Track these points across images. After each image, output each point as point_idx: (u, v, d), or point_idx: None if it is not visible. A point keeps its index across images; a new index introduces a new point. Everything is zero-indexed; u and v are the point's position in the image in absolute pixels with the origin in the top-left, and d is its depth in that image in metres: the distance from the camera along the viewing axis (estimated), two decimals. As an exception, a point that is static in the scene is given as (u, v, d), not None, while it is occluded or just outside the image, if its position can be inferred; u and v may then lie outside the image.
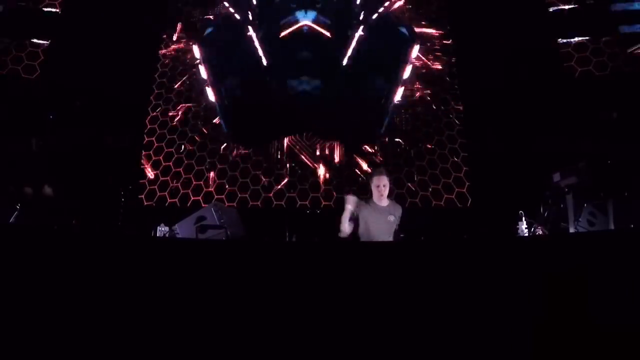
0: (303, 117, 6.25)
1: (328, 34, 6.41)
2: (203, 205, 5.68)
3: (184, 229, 3.77)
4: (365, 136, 6.29)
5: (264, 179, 6.10)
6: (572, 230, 3.79)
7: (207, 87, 6.40)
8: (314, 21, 6.45)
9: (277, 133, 6.29)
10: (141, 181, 6.18)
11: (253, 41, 6.48)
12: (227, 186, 6.09)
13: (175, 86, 6.65)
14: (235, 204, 5.95)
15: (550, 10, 6.48)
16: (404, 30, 6.66)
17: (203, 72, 6.45)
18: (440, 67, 6.69)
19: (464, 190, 6.04)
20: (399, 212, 3.69)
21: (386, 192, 3.65)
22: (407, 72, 6.39)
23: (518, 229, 3.68)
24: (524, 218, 3.69)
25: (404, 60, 6.42)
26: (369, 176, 3.91)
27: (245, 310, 1.50)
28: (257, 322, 1.48)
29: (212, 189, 6.07)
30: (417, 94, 6.52)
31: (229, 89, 6.39)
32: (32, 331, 1.44)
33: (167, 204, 6.04)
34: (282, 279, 1.56)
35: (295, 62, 6.34)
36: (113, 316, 1.47)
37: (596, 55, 6.39)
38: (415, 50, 6.52)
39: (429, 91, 6.54)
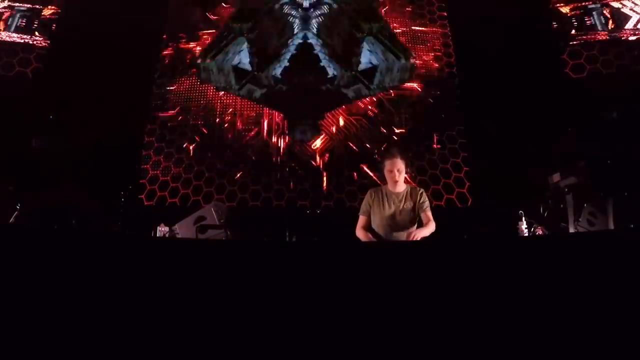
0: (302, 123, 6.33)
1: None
2: (203, 205, 5.68)
3: (184, 229, 3.79)
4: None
5: (263, 179, 6.11)
6: (572, 230, 3.80)
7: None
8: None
9: (277, 135, 6.32)
10: (141, 181, 6.18)
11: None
12: (227, 186, 6.09)
13: (175, 86, 6.65)
14: (235, 204, 5.95)
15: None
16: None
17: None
18: (440, 66, 6.70)
19: (465, 190, 6.04)
20: (421, 197, 3.21)
21: (401, 178, 3.18)
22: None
23: (518, 229, 3.69)
24: (524, 218, 3.70)
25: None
26: (380, 161, 3.36)
27: (245, 310, 1.50)
28: (257, 323, 1.48)
29: (212, 189, 6.08)
30: (417, 94, 6.52)
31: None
32: (32, 331, 1.44)
33: (167, 204, 6.04)
34: (282, 279, 1.56)
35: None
36: (113, 316, 1.47)
37: (601, 54, 6.39)
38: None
39: (429, 91, 6.55)
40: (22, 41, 6.68)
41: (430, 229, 3.13)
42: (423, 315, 1.50)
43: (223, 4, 7.13)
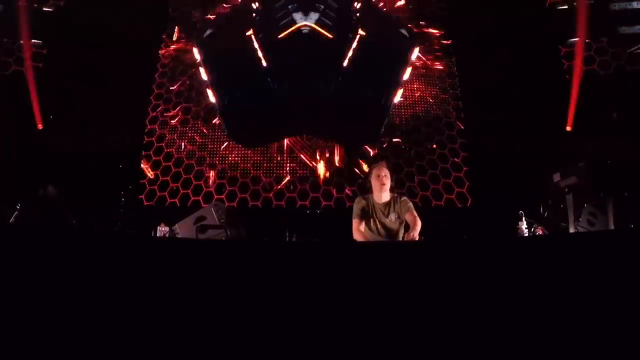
0: (303, 119, 6.23)
1: (329, 35, 6.39)
2: (203, 205, 5.68)
3: (184, 229, 3.78)
4: (365, 137, 6.28)
5: (264, 179, 6.10)
6: (572, 230, 3.80)
7: (207, 89, 6.40)
8: (316, 22, 6.43)
9: (277, 134, 6.29)
10: (141, 181, 6.17)
11: (252, 43, 6.48)
12: (227, 186, 6.09)
13: (175, 86, 6.65)
14: (235, 204, 5.95)
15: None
16: (404, 32, 6.68)
17: (203, 74, 6.44)
18: (440, 67, 6.70)
19: (464, 190, 6.05)
20: (402, 202, 3.44)
21: (387, 182, 3.46)
22: (406, 74, 6.42)
23: (518, 229, 3.69)
24: (524, 218, 3.70)
25: (403, 61, 6.44)
26: (368, 172, 3.68)
27: (245, 310, 1.50)
28: (257, 323, 1.48)
29: (212, 189, 6.07)
30: (417, 94, 6.53)
31: (229, 91, 6.38)
32: (32, 332, 1.44)
33: (167, 204, 6.04)
34: (282, 279, 1.55)
35: (294, 64, 6.30)
36: (113, 316, 1.47)
37: (598, 55, 6.41)
38: (415, 52, 6.56)
39: (429, 91, 6.55)
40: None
41: (418, 226, 3.27)
42: (423, 315, 1.50)
43: (223, 4, 7.14)
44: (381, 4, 7.09)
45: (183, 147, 6.31)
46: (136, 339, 1.46)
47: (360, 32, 6.50)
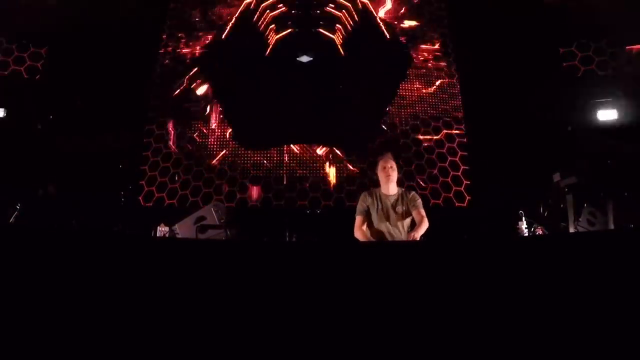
0: (303, 125, 6.30)
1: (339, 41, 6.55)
2: (202, 205, 5.67)
3: (184, 229, 3.78)
4: (361, 140, 6.32)
5: (263, 180, 6.11)
6: (572, 230, 3.80)
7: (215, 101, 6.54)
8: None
9: (277, 137, 6.31)
10: (140, 182, 6.17)
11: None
12: (226, 186, 6.09)
13: (175, 86, 6.64)
14: (234, 204, 5.95)
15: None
16: (402, 46, 6.77)
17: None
18: (440, 67, 6.70)
19: (462, 189, 6.05)
20: (412, 197, 3.35)
21: (394, 174, 3.38)
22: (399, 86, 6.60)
23: (518, 229, 3.69)
24: (524, 218, 3.70)
25: (399, 76, 6.58)
26: (375, 164, 3.62)
27: (245, 310, 1.50)
28: (256, 323, 1.48)
29: (211, 190, 6.07)
30: (417, 94, 6.53)
31: (233, 98, 6.47)
32: (32, 331, 1.44)
33: (165, 205, 6.03)
34: (281, 280, 1.55)
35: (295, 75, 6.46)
36: (113, 317, 1.47)
37: (598, 55, 6.41)
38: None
39: (428, 91, 6.56)
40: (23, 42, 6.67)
41: (424, 226, 3.21)
42: (423, 315, 1.50)
43: (222, 5, 7.14)
44: (382, 9, 7.09)
45: (182, 147, 6.31)
46: (136, 339, 1.46)
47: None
